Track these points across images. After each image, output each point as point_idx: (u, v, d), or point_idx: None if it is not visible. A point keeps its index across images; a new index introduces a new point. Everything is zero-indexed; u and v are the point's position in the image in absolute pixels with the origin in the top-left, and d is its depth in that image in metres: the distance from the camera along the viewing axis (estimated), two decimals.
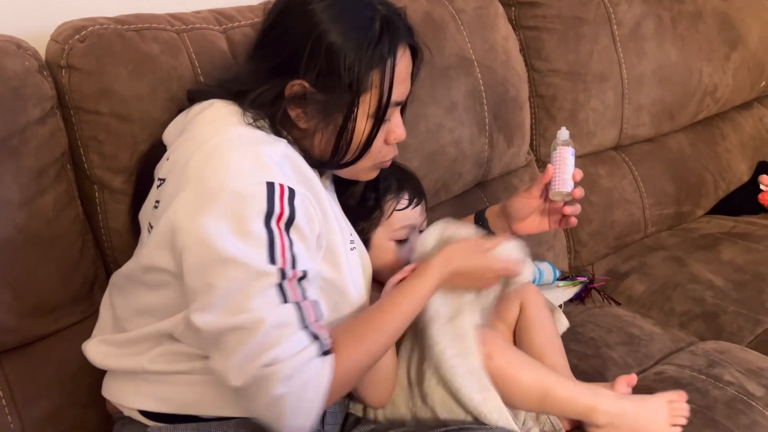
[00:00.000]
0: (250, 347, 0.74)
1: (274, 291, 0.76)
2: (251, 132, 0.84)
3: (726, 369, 1.10)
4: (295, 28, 0.85)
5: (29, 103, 0.94)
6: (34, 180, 0.94)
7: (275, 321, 0.75)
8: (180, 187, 0.80)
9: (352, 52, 0.83)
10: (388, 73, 0.85)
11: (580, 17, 1.44)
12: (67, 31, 0.99)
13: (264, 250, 0.76)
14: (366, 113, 0.86)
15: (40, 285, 0.96)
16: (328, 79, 0.84)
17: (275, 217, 0.77)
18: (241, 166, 0.78)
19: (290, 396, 0.75)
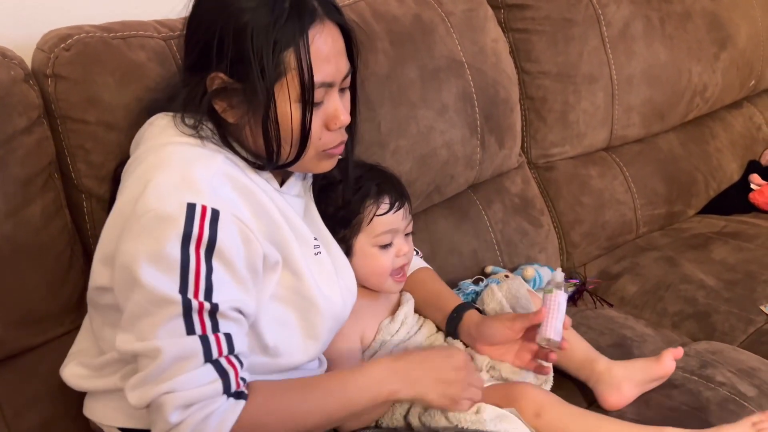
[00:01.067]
0: (150, 374, 0.74)
1: (179, 321, 0.74)
2: (186, 150, 0.82)
3: (718, 369, 1.10)
4: (206, 15, 0.81)
5: (15, 112, 0.93)
6: (20, 189, 0.93)
7: (175, 353, 0.74)
8: (115, 210, 0.82)
9: (260, 34, 0.78)
10: (303, 53, 0.79)
11: (568, 19, 1.45)
12: (52, 39, 0.98)
13: (176, 276, 0.74)
14: (288, 99, 0.80)
15: (28, 295, 0.95)
16: (241, 65, 0.79)
17: (194, 240, 0.74)
18: (165, 187, 0.76)
19: (188, 426, 0.74)
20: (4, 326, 0.93)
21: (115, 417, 0.87)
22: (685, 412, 1.02)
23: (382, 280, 1.05)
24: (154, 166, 0.80)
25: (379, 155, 1.19)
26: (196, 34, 0.83)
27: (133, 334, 0.75)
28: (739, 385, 1.07)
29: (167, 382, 0.74)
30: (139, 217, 0.76)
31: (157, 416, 0.75)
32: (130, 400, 0.76)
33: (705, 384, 1.08)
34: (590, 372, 1.04)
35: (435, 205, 1.34)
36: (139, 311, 0.75)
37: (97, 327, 0.90)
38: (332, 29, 0.83)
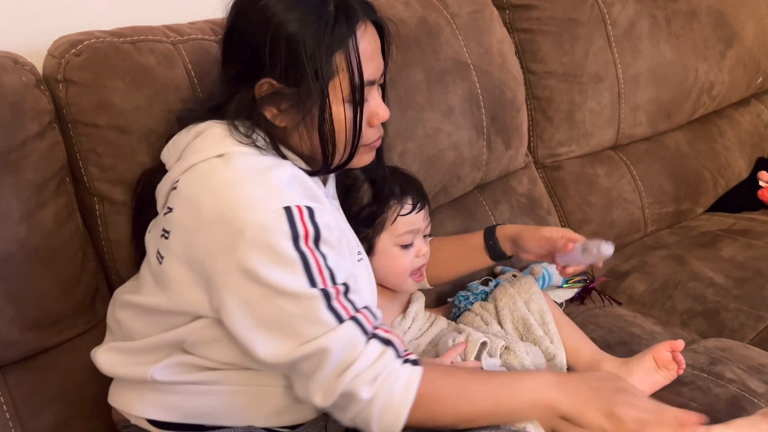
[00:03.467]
0: (326, 371, 0.78)
1: (326, 313, 0.78)
2: (254, 159, 0.84)
3: (728, 366, 1.10)
4: (251, 27, 0.84)
5: (27, 117, 0.94)
6: (33, 194, 0.95)
7: (341, 343, 0.78)
8: (199, 228, 0.80)
9: (311, 38, 0.81)
10: (352, 53, 0.83)
11: (574, 19, 1.45)
12: (63, 45, 0.99)
13: (302, 274, 0.77)
14: (341, 99, 0.84)
15: (42, 298, 0.96)
16: (293, 71, 0.82)
17: (302, 238, 0.78)
18: (256, 198, 0.78)
19: (378, 397, 0.78)
20: (19, 328, 0.95)
21: (145, 409, 0.88)
22: (695, 409, 1.01)
23: (402, 279, 1.07)
24: (232, 181, 0.80)
25: (386, 158, 1.19)
26: (241, 44, 0.85)
27: (287, 341, 0.78)
28: (748, 381, 1.07)
29: (348, 370, 0.78)
30: (242, 233, 0.76)
31: (349, 401, 0.79)
32: (315, 402, 0.79)
33: (715, 381, 1.07)
34: (598, 371, 1.05)
35: (442, 206, 1.34)
36: (282, 317, 0.78)
37: (126, 319, 0.91)
38: (371, 28, 0.87)
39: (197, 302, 0.82)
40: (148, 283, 0.89)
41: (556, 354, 1.07)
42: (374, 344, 0.80)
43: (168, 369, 0.86)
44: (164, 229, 0.85)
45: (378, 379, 0.78)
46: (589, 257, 1.02)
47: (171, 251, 0.84)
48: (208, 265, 0.80)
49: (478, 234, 1.15)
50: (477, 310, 1.13)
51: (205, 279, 0.81)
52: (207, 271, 0.80)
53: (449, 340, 1.02)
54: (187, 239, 0.81)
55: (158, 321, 0.87)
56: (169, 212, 0.85)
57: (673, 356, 1.04)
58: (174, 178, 0.86)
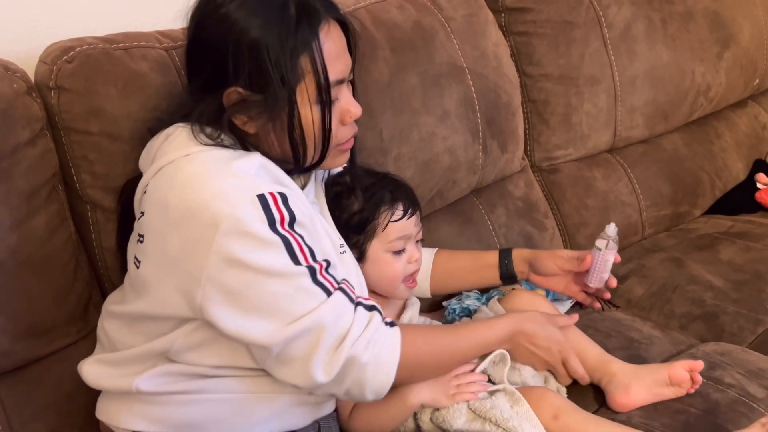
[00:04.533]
0: (325, 344, 0.80)
1: (315, 287, 0.80)
2: (220, 152, 0.83)
3: (727, 371, 1.09)
4: (213, 37, 0.83)
5: (18, 125, 0.94)
6: (25, 202, 0.94)
7: (333, 314, 0.80)
8: (169, 227, 0.80)
9: (274, 44, 0.80)
10: (317, 55, 0.82)
11: (569, 21, 1.45)
12: (55, 52, 0.99)
13: (285, 254, 0.78)
14: (309, 101, 0.84)
15: (34, 307, 0.96)
16: (259, 78, 0.81)
17: (278, 222, 0.78)
18: (226, 188, 0.78)
19: (372, 361, 0.82)
20: (10, 338, 0.94)
21: (132, 421, 0.87)
22: (694, 415, 1.02)
23: (394, 285, 1.07)
24: (197, 175, 0.80)
25: (381, 162, 1.20)
26: (205, 54, 0.85)
27: (281, 320, 0.79)
28: (748, 386, 1.06)
29: (345, 340, 0.81)
30: (216, 225, 0.76)
31: (349, 369, 0.82)
32: (318, 379, 0.81)
33: (714, 386, 1.07)
34: (603, 373, 1.05)
35: (437, 210, 1.34)
36: (272, 299, 0.79)
37: (112, 329, 0.91)
38: (334, 26, 0.86)
39: (177, 303, 0.81)
40: (129, 291, 0.89)
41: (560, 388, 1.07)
42: (361, 311, 0.83)
43: (153, 379, 0.85)
44: (139, 233, 0.85)
45: (370, 342, 0.82)
46: (608, 245, 1.06)
47: (146, 255, 0.83)
48: (184, 262, 0.79)
49: (492, 252, 1.18)
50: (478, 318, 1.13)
51: (182, 278, 0.79)
52: (184, 269, 0.79)
53: None
54: (160, 240, 0.81)
55: (142, 329, 0.87)
56: (142, 216, 0.85)
57: (691, 376, 1.03)
58: (145, 182, 0.86)
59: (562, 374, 1.03)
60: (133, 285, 0.87)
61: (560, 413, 0.95)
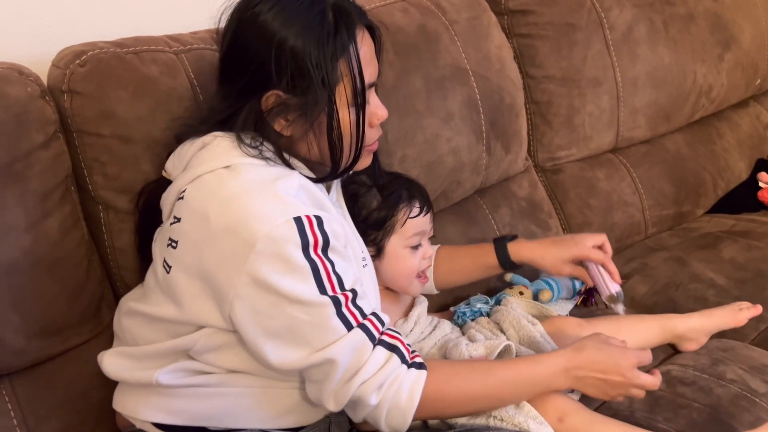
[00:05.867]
0: (336, 379, 0.81)
1: (336, 321, 0.80)
2: (261, 171, 0.85)
3: (729, 367, 1.10)
4: (254, 44, 0.85)
5: (32, 128, 0.95)
6: (39, 203, 0.96)
7: (348, 350, 0.81)
8: (207, 239, 0.81)
9: (315, 48, 0.83)
10: (353, 59, 0.85)
11: (572, 23, 1.46)
12: (67, 56, 1.01)
13: (312, 282, 0.79)
14: (345, 104, 0.86)
15: (48, 306, 0.97)
16: (300, 80, 0.84)
17: (312, 246, 0.80)
18: (266, 210, 0.80)
19: (385, 402, 0.82)
20: (25, 337, 0.95)
21: (151, 412, 0.89)
22: (697, 410, 1.03)
23: (410, 281, 1.09)
24: (240, 194, 0.81)
25: (386, 164, 1.21)
26: (244, 60, 0.86)
27: (297, 348, 0.81)
28: (750, 381, 1.07)
29: (355, 377, 0.81)
30: (252, 245, 0.78)
31: (357, 406, 0.83)
32: (328, 407, 0.83)
33: (716, 381, 1.08)
34: (672, 337, 1.16)
35: (442, 210, 1.35)
36: (293, 325, 0.80)
37: (132, 326, 0.93)
38: (366, 32, 0.89)
39: (207, 311, 0.84)
40: (154, 292, 0.90)
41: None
42: (379, 351, 0.83)
43: (173, 373, 0.87)
44: (171, 238, 0.86)
45: (384, 385, 0.82)
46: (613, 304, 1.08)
47: (179, 261, 0.85)
48: (218, 275, 0.81)
49: (489, 251, 1.15)
50: (484, 324, 1.14)
51: (214, 289, 0.82)
52: (217, 281, 0.81)
53: (463, 349, 1.03)
54: (196, 249, 0.83)
55: (165, 328, 0.88)
56: (177, 222, 0.86)
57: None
58: (180, 187, 0.87)
59: (637, 395, 0.93)
60: (161, 288, 0.88)
61: (565, 415, 0.95)
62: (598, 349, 0.90)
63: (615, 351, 0.91)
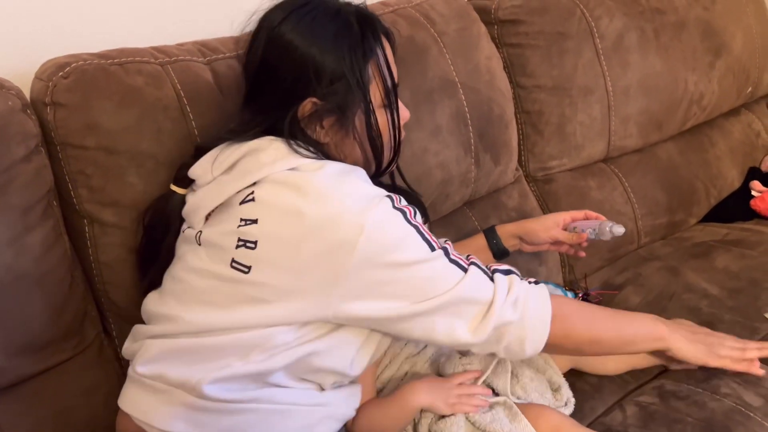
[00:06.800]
0: (472, 314, 0.87)
1: (452, 266, 0.87)
2: (331, 166, 0.88)
3: (723, 380, 1.09)
4: (286, 60, 0.89)
5: (13, 142, 0.94)
6: (20, 218, 0.94)
7: (474, 287, 0.87)
8: (304, 234, 0.82)
9: (347, 54, 0.88)
10: (382, 60, 0.91)
11: (562, 32, 1.45)
12: (50, 68, 0.99)
13: (422, 242, 0.86)
14: (378, 105, 0.91)
15: (30, 323, 0.96)
16: (334, 87, 0.88)
17: (408, 215, 0.86)
18: (361, 194, 0.85)
19: (525, 314, 0.88)
20: (6, 355, 0.94)
21: (171, 421, 0.85)
22: (690, 424, 1.02)
23: None
24: (332, 186, 0.84)
25: None
26: (278, 75, 0.90)
27: (434, 299, 0.85)
28: (744, 395, 1.06)
29: (492, 308, 0.87)
30: (362, 228, 0.81)
31: (501, 332, 0.88)
32: (464, 340, 0.87)
33: (710, 395, 1.07)
34: (663, 359, 1.15)
35: (431, 223, 1.34)
36: (418, 284, 0.85)
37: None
38: (384, 39, 0.94)
39: (303, 305, 0.83)
40: (221, 298, 0.86)
41: (561, 384, 1.07)
42: (500, 277, 0.90)
43: (221, 385, 0.83)
44: (244, 239, 0.85)
45: (518, 301, 0.88)
46: (604, 237, 1.11)
47: (264, 261, 0.83)
48: (321, 267, 0.82)
49: (479, 236, 1.23)
50: None
51: (317, 279, 0.83)
52: (320, 272, 0.82)
53: (457, 362, 1.03)
54: (289, 246, 0.83)
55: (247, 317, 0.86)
56: (249, 224, 0.85)
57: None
58: (235, 190, 0.87)
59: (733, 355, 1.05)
60: (233, 290, 0.85)
61: (559, 430, 0.94)
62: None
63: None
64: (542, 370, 1.09)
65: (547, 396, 1.05)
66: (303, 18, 0.89)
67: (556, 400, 1.05)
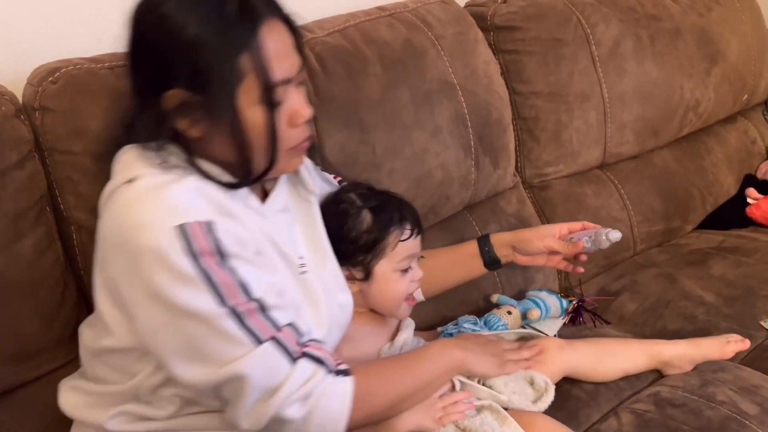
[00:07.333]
0: (249, 397, 0.76)
1: (240, 333, 0.75)
2: (154, 178, 0.79)
3: (719, 388, 1.09)
4: (152, 36, 0.78)
5: (6, 147, 0.93)
6: (12, 224, 0.93)
7: (260, 367, 0.75)
8: (107, 254, 0.79)
9: (213, 41, 0.76)
10: (258, 54, 0.77)
11: (558, 39, 1.45)
12: (41, 73, 0.99)
13: (207, 291, 0.74)
14: (253, 102, 0.78)
15: (21, 330, 0.95)
16: (200, 77, 0.77)
17: (201, 254, 0.74)
18: (149, 218, 0.75)
19: (315, 412, 0.78)
20: None
21: None
22: None
23: (398, 304, 1.06)
24: (128, 203, 0.78)
25: (374, 177, 1.20)
26: (144, 57, 0.81)
27: (205, 364, 0.75)
28: (740, 403, 1.06)
29: (275, 395, 0.76)
30: (140, 255, 0.74)
31: (282, 423, 0.78)
32: (243, 427, 0.78)
33: (706, 403, 1.06)
34: (657, 363, 1.15)
35: (431, 227, 1.33)
36: (194, 340, 0.75)
37: (86, 359, 0.90)
38: (279, 25, 0.81)
39: (126, 331, 0.81)
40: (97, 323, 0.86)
41: (533, 375, 1.06)
42: (304, 364, 0.78)
43: (119, 418, 0.83)
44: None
45: (311, 397, 0.78)
46: (601, 246, 1.08)
47: (95, 282, 0.83)
48: (120, 290, 0.78)
49: (471, 242, 1.19)
50: None
51: (121, 305, 0.79)
52: (121, 297, 0.78)
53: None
54: (101, 266, 0.81)
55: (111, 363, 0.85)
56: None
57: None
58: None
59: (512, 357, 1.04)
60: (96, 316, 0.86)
61: None
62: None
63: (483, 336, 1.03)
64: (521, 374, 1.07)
65: (527, 391, 1.04)
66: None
67: (536, 391, 1.04)
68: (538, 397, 1.04)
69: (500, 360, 1.02)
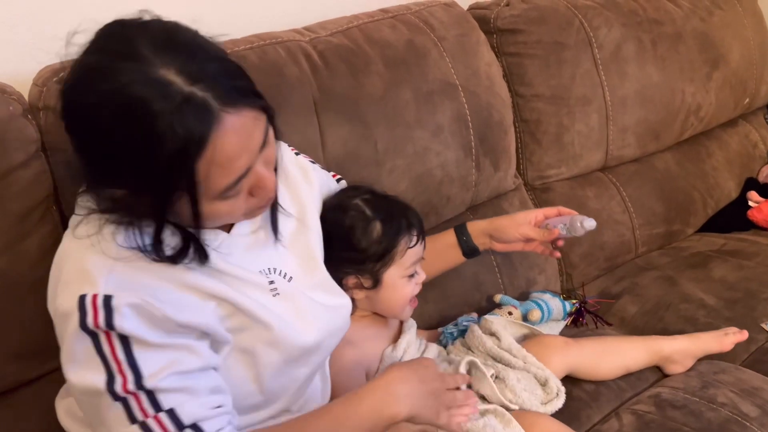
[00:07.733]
0: None
1: (119, 411, 0.73)
2: (81, 242, 0.77)
3: (720, 390, 1.09)
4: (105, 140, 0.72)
5: (11, 147, 0.93)
6: (17, 224, 0.94)
7: None
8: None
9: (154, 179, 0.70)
10: (207, 164, 0.69)
11: (560, 42, 1.46)
12: (46, 73, 0.99)
13: (100, 368, 0.73)
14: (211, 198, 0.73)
15: (25, 329, 0.95)
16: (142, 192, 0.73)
17: (97, 330, 0.73)
18: (64, 284, 0.76)
19: None
20: (1, 360, 0.93)
21: None
22: None
23: (403, 307, 1.07)
24: (55, 264, 0.80)
25: (375, 174, 1.21)
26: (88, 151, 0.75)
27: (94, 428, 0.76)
28: (741, 405, 1.06)
29: None
30: (54, 316, 0.78)
31: None
32: None
33: (707, 405, 1.07)
34: (658, 359, 1.17)
35: (433, 228, 1.34)
36: (89, 412, 0.76)
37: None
38: (234, 119, 0.70)
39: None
40: None
41: (548, 377, 1.07)
42: None
43: None
44: None
45: None
46: (576, 233, 1.08)
47: None
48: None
49: (449, 232, 1.18)
50: (459, 347, 1.14)
51: None
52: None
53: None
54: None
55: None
56: None
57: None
58: None
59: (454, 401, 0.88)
60: None
61: None
62: (402, 368, 0.84)
63: (417, 363, 0.85)
64: (525, 369, 1.08)
65: (538, 392, 1.05)
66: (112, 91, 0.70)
67: (547, 394, 1.05)
68: (548, 400, 1.04)
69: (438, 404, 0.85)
